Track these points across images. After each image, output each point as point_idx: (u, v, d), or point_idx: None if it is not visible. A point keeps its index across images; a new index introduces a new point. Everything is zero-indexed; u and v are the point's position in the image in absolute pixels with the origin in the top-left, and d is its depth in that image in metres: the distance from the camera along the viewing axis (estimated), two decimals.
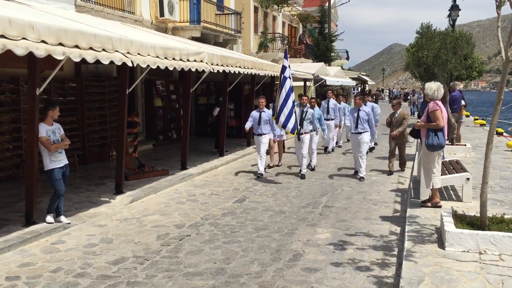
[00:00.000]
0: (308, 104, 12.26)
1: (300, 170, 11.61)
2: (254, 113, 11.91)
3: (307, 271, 5.72)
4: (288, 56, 11.22)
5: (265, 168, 11.93)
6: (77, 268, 5.80)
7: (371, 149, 15.25)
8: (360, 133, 11.28)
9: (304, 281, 5.44)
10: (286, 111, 10.33)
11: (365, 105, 13.57)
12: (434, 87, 7.79)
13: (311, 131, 11.90)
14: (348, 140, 16.23)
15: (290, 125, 10.38)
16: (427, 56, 12.14)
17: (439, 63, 11.99)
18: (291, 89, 10.46)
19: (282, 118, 10.36)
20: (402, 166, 12.13)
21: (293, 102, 10.42)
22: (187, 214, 8.22)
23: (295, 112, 10.50)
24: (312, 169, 12.40)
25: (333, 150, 16.14)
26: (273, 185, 10.67)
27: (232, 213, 8.25)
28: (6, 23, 5.83)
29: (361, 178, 11.05)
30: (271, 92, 18.95)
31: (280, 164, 13.24)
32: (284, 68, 10.61)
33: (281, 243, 6.74)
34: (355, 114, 11.40)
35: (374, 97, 49.38)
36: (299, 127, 11.02)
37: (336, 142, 17.01)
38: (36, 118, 7.07)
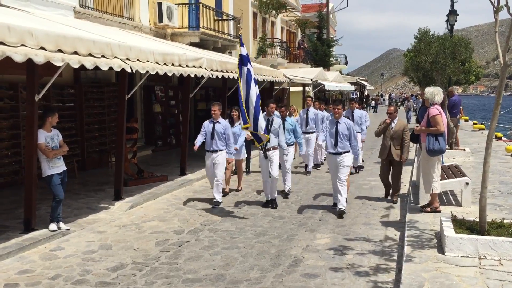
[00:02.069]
0: (276, 113, 9.93)
1: (267, 199, 9.16)
2: (207, 124, 9.22)
3: (307, 277, 5.71)
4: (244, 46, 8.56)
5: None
6: (76, 275, 5.78)
7: (357, 169, 12.57)
8: (340, 153, 8.42)
9: (304, 287, 5.43)
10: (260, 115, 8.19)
11: (352, 113, 12.27)
12: (435, 92, 7.81)
13: (281, 146, 9.28)
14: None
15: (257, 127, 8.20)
16: (425, 61, 12.17)
17: (438, 68, 12.01)
18: (256, 81, 8.24)
19: (262, 124, 8.17)
20: (395, 195, 9.40)
21: (258, 96, 8.16)
22: (186, 220, 8.21)
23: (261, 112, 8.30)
24: (286, 196, 9.88)
25: (322, 163, 13.60)
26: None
27: (231, 219, 8.23)
28: (5, 30, 5.85)
29: (341, 212, 8.29)
30: (270, 98, 19.01)
31: (240, 188, 10.70)
32: (244, 59, 8.16)
33: (281, 248, 6.73)
34: (333, 130, 8.54)
35: (374, 101, 49.61)
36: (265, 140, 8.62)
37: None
38: (35, 125, 7.07)
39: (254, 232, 7.49)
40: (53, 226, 7.27)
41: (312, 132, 12.84)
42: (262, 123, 8.11)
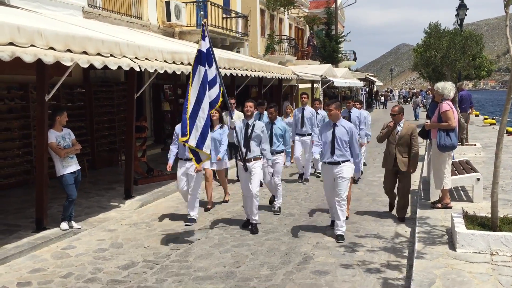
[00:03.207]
0: (257, 114, 8.90)
1: (248, 220, 7.60)
2: (179, 128, 7.52)
3: (317, 274, 5.70)
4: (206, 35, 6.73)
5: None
6: (87, 273, 5.82)
7: (355, 181, 10.30)
8: (338, 163, 6.92)
9: (314, 284, 5.42)
10: (200, 123, 6.49)
11: (349, 113, 11.02)
12: (449, 87, 7.76)
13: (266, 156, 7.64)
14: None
15: (205, 143, 6.56)
16: (435, 56, 12.07)
17: (448, 63, 11.92)
18: (216, 85, 6.74)
19: (196, 134, 6.47)
20: (402, 211, 7.83)
21: (211, 104, 6.67)
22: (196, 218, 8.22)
23: (211, 118, 7.13)
24: (277, 212, 8.40)
25: (319, 173, 11.30)
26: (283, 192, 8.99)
27: (240, 216, 8.23)
28: (15, 31, 5.88)
29: (339, 237, 6.88)
30: (279, 96, 18.99)
31: (227, 199, 9.46)
32: (203, 56, 6.58)
33: (291, 246, 6.72)
34: (329, 132, 6.99)
35: (383, 98, 49.35)
36: (243, 149, 7.39)
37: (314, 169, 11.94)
38: (46, 124, 7.12)
39: (264, 230, 7.48)
40: (64, 225, 7.32)
41: (308, 135, 11.10)
42: (209, 141, 6.65)
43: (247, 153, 7.36)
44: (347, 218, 6.83)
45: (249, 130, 7.42)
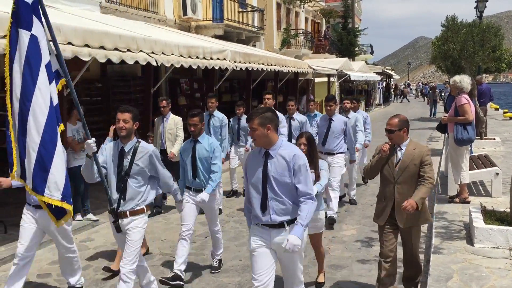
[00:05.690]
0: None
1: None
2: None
3: (333, 268, 5.69)
4: None
5: None
6: (105, 265, 5.91)
7: (330, 222, 7.17)
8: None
9: (330, 278, 5.42)
10: (33, 140, 3.81)
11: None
12: (466, 80, 7.67)
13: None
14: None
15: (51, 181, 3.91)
16: (453, 49, 11.92)
17: (466, 56, 11.76)
18: (54, 69, 3.94)
19: (61, 180, 3.99)
20: (412, 283, 4.86)
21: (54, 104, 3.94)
22: None
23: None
24: (215, 269, 5.74)
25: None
26: None
27: None
28: None
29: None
30: (295, 89, 18.94)
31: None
32: (21, 14, 3.62)
33: (306, 239, 6.71)
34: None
35: (402, 93, 48.89)
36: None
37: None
38: (64, 119, 7.20)
39: None
40: (78, 216, 7.44)
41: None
42: (61, 177, 3.96)
43: (119, 205, 4.41)
44: (323, 283, 5.35)
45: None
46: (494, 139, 13.62)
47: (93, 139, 4.18)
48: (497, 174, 8.01)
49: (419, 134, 19.07)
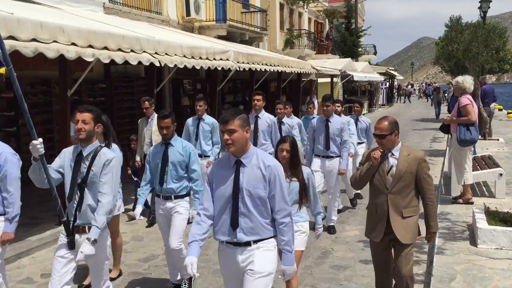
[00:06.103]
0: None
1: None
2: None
3: (336, 269, 5.69)
4: None
5: None
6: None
7: (331, 232, 7.11)
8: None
9: (333, 279, 5.42)
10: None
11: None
12: (469, 80, 7.66)
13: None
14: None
15: None
16: (457, 50, 11.89)
17: (470, 56, 11.72)
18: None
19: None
20: None
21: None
22: None
23: None
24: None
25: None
26: None
27: None
28: (38, 27, 5.99)
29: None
30: (298, 90, 18.92)
31: None
32: None
33: (309, 240, 6.71)
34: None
35: (405, 93, 48.81)
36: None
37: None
38: (68, 119, 7.24)
39: None
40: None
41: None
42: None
43: (76, 219, 3.94)
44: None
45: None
46: (498, 139, 13.59)
47: (40, 139, 3.75)
48: (501, 175, 7.99)
49: (423, 135, 19.05)
